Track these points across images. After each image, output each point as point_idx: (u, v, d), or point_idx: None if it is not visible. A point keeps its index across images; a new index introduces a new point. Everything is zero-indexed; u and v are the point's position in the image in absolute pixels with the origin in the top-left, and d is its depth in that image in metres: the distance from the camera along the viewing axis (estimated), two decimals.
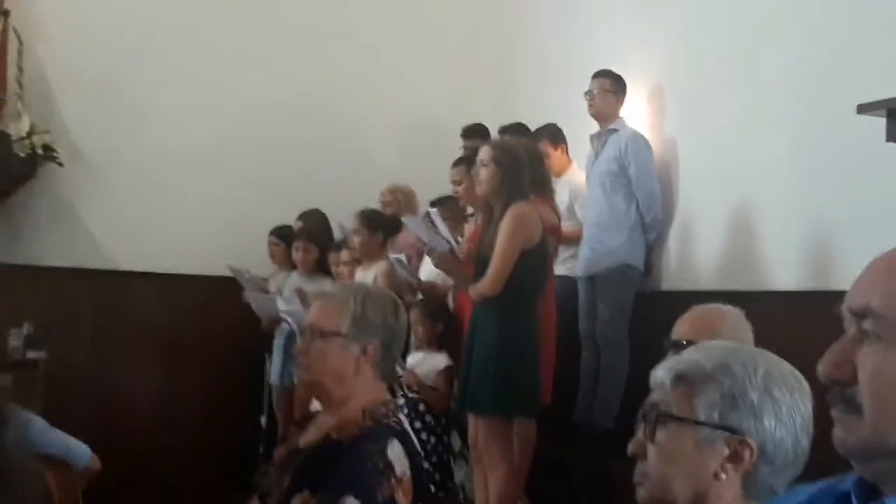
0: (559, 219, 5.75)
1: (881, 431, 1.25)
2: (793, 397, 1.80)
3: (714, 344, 1.92)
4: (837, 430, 1.30)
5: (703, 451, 1.79)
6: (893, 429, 1.24)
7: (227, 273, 7.23)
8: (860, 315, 1.29)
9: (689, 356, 1.86)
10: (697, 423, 1.79)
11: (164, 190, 7.78)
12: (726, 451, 1.79)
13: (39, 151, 7.27)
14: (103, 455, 4.37)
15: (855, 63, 4.83)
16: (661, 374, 1.86)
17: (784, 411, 1.79)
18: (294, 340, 6.12)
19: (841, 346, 1.31)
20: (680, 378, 1.82)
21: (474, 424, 5.08)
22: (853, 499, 1.30)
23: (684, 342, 2.89)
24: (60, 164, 7.41)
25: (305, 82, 8.09)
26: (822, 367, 1.31)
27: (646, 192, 5.98)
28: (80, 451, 4.25)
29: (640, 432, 1.86)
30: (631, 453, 1.88)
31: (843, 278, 4.56)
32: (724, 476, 1.79)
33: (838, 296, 1.35)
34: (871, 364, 1.26)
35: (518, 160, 5.03)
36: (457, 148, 6.84)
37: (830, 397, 1.30)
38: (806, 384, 1.82)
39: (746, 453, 1.78)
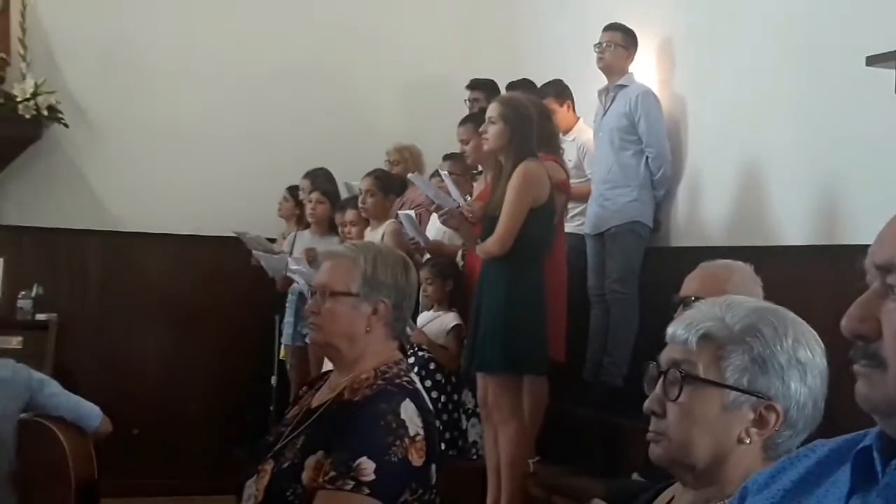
0: (567, 175, 5.71)
1: None
2: (814, 359, 1.76)
3: (737, 300, 1.83)
4: (861, 385, 1.28)
5: (728, 415, 1.75)
6: None
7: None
8: (885, 269, 1.27)
9: (711, 313, 1.79)
10: (726, 386, 1.74)
11: (170, 151, 7.77)
12: (752, 416, 1.75)
13: (44, 112, 7.24)
14: (114, 416, 4.39)
15: (864, 15, 4.79)
16: (681, 331, 1.79)
17: (808, 375, 1.75)
18: (306, 300, 6.14)
19: (865, 301, 1.29)
20: (706, 338, 1.76)
21: (483, 383, 5.10)
22: (875, 454, 1.29)
23: (693, 298, 2.89)
24: (65, 125, 7.38)
25: (309, 43, 8.04)
26: (845, 322, 1.29)
27: (656, 149, 5.93)
28: (92, 413, 4.27)
29: (659, 389, 1.79)
30: (647, 410, 1.81)
31: (853, 233, 4.59)
32: (748, 441, 1.75)
33: (848, 250, 1.35)
34: None
35: (527, 117, 5.00)
36: (462, 106, 6.79)
37: (854, 352, 1.29)
38: (822, 344, 1.79)
39: (772, 418, 1.74)
